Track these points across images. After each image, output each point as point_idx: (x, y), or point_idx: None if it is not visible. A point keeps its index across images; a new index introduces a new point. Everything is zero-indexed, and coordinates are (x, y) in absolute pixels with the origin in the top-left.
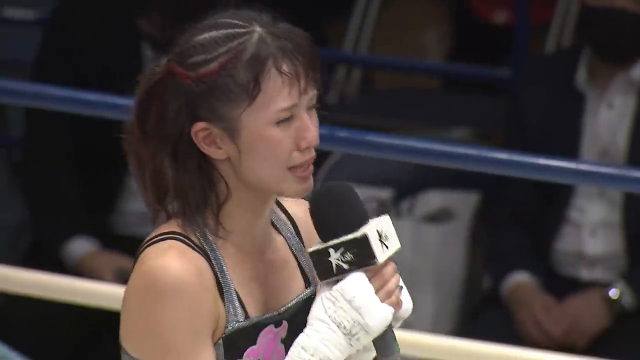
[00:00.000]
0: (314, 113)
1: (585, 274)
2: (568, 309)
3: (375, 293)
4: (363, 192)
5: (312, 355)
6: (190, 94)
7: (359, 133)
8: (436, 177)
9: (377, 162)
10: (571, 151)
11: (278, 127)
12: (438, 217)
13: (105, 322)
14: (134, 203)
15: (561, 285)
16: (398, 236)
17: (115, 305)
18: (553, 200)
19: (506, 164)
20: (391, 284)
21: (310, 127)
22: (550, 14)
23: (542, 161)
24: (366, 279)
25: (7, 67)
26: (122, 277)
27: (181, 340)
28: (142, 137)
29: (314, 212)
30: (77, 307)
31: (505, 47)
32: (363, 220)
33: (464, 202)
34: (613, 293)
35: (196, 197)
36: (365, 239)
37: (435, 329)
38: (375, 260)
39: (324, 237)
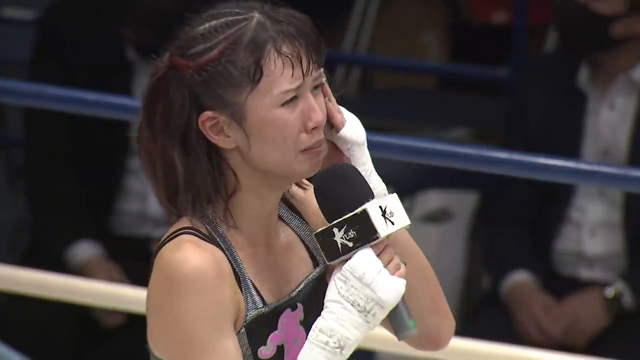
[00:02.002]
0: (320, 93)
1: (585, 273)
2: (567, 308)
3: (385, 267)
4: None
5: (330, 336)
6: (194, 85)
7: None
8: (435, 177)
9: (376, 161)
10: (572, 151)
11: (283, 108)
12: (437, 217)
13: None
14: (132, 203)
15: (560, 285)
16: None
17: (114, 304)
18: (553, 200)
19: (506, 163)
20: (398, 258)
21: (315, 108)
22: (549, 14)
23: (542, 160)
24: (373, 254)
25: (6, 67)
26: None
27: (203, 329)
28: (151, 134)
29: (318, 194)
30: (76, 306)
31: (504, 47)
32: (366, 198)
33: (463, 202)
34: (612, 292)
35: (207, 188)
36: (365, 214)
37: None
38: (377, 235)
39: (329, 218)
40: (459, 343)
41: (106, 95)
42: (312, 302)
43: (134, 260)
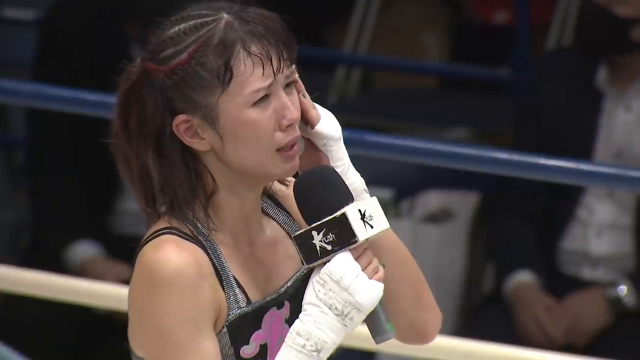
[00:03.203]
0: (294, 91)
1: (588, 273)
2: (568, 308)
3: (363, 270)
4: None
5: (307, 339)
6: (165, 88)
7: (359, 133)
8: (436, 177)
9: (377, 162)
10: (585, 151)
11: (255, 108)
12: (438, 216)
13: (105, 322)
14: (133, 202)
15: (563, 284)
16: (399, 236)
17: (115, 305)
18: (562, 198)
19: (506, 164)
20: (376, 261)
21: (289, 105)
22: (549, 13)
23: (542, 161)
24: (352, 257)
25: (7, 67)
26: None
27: (181, 330)
28: (127, 139)
29: (298, 196)
30: (77, 306)
31: (505, 47)
32: (345, 201)
33: (464, 202)
34: (615, 292)
35: (184, 191)
36: (344, 217)
37: None
38: (356, 238)
39: (308, 221)
40: (459, 343)
41: (108, 96)
42: (300, 299)
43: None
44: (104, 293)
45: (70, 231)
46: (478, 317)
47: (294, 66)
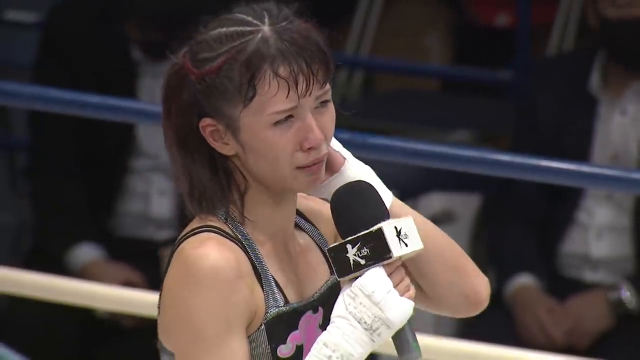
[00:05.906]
0: (327, 110)
1: (589, 276)
2: (570, 309)
3: (395, 287)
4: None
5: (334, 351)
6: (197, 90)
7: (361, 135)
8: (438, 179)
9: (379, 164)
10: (582, 155)
11: (276, 128)
12: (440, 219)
13: (106, 324)
14: (134, 204)
15: (565, 287)
16: None
17: (116, 307)
18: (561, 201)
19: (508, 166)
20: (408, 280)
21: (312, 128)
22: (550, 13)
23: (544, 163)
24: (384, 273)
25: (8, 70)
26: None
27: (212, 327)
28: (168, 126)
29: (335, 210)
30: (79, 309)
31: (507, 49)
32: (382, 217)
33: (466, 204)
34: (616, 294)
35: (207, 188)
36: (380, 232)
37: (437, 331)
38: (390, 254)
39: (343, 235)
40: (461, 345)
41: (109, 98)
42: (331, 307)
43: (136, 263)
44: (105, 295)
45: (71, 233)
46: (480, 319)
47: (324, 90)
